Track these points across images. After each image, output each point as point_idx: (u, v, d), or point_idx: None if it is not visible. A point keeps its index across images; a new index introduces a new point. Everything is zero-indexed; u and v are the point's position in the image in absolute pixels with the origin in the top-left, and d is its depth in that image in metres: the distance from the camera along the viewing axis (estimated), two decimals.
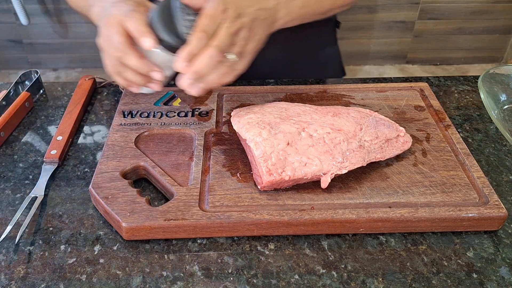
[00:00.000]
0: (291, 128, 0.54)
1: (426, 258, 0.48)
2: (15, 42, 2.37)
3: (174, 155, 0.57)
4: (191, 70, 0.50)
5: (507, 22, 2.36)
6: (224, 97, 0.68)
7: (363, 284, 0.45)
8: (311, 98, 0.68)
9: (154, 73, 0.53)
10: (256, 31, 0.54)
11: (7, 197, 0.54)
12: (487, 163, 0.60)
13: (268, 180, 0.49)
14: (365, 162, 0.53)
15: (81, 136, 0.64)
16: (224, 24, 0.50)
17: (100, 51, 0.56)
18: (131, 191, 0.51)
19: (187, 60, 0.50)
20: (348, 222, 0.49)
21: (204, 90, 0.53)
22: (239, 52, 0.52)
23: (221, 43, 0.50)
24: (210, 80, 0.52)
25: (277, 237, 0.50)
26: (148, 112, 0.64)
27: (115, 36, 0.52)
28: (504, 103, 0.68)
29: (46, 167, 0.57)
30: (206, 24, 0.50)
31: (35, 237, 0.49)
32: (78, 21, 2.29)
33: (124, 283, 0.45)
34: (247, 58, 0.54)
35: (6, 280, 0.45)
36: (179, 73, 0.52)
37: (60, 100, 0.72)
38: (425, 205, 0.50)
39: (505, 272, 0.46)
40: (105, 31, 0.53)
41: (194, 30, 0.50)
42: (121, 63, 0.53)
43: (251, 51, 0.54)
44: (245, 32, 0.52)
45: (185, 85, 0.52)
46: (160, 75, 0.54)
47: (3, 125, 0.62)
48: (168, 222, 0.48)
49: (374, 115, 0.59)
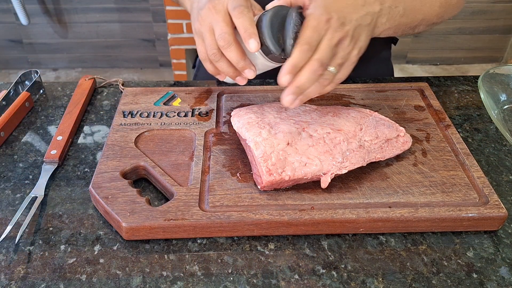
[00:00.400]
0: (291, 128, 0.54)
1: (426, 258, 0.48)
2: (15, 42, 2.37)
3: (174, 155, 0.57)
4: (293, 84, 0.50)
5: (507, 22, 2.36)
6: (224, 97, 0.68)
7: (363, 284, 0.45)
8: (311, 98, 0.68)
9: (249, 71, 0.54)
10: (359, 38, 0.52)
11: (7, 197, 0.54)
12: (487, 163, 0.60)
13: (268, 180, 0.49)
14: (365, 162, 0.53)
15: (81, 136, 0.64)
16: (327, 35, 0.49)
17: (194, 35, 0.56)
18: (131, 191, 0.51)
19: (291, 73, 0.49)
20: (348, 222, 0.49)
21: (302, 102, 0.53)
22: (340, 63, 0.51)
23: (323, 56, 0.49)
24: (310, 92, 0.52)
25: (277, 237, 0.50)
26: (148, 112, 0.64)
27: (222, 25, 0.51)
28: (504, 103, 0.68)
29: (46, 167, 0.57)
30: (310, 36, 0.48)
31: (35, 237, 0.49)
32: (78, 21, 2.29)
33: (124, 283, 0.45)
34: (349, 67, 0.53)
35: (6, 280, 0.45)
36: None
37: (60, 100, 0.72)
38: (425, 205, 0.50)
39: (505, 272, 0.46)
40: (207, 16, 0.53)
41: (298, 42, 0.49)
42: (220, 52, 0.53)
43: (353, 60, 0.52)
44: (347, 41, 0.50)
45: (288, 103, 0.51)
46: (254, 74, 0.54)
47: (3, 125, 0.62)
48: (168, 222, 0.48)
49: (374, 115, 0.59)
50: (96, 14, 2.28)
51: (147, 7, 2.26)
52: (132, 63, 2.47)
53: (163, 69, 2.49)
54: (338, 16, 0.50)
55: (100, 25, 2.31)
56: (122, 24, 2.32)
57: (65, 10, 2.26)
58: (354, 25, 0.51)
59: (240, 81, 0.57)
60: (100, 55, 2.43)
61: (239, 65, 0.53)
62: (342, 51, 0.50)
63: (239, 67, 0.53)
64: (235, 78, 0.56)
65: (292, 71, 0.49)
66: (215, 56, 0.54)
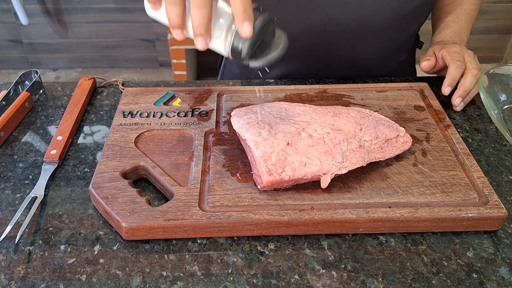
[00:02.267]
0: (291, 128, 0.54)
1: (426, 258, 0.48)
2: (15, 42, 2.37)
3: (174, 155, 0.57)
4: (461, 88, 0.68)
5: (507, 22, 2.36)
6: (224, 97, 0.68)
7: (363, 284, 0.45)
8: (311, 98, 0.68)
9: (203, 41, 0.46)
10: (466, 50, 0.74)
11: (7, 197, 0.54)
12: (487, 163, 0.60)
13: (268, 180, 0.49)
14: (365, 162, 0.53)
15: (81, 136, 0.64)
16: (466, 53, 0.71)
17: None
18: (131, 191, 0.51)
19: (451, 86, 0.68)
20: (348, 222, 0.49)
21: (466, 103, 0.70)
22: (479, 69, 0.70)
23: (476, 65, 0.69)
24: (472, 94, 0.69)
25: (277, 237, 0.50)
26: (148, 112, 0.64)
27: None
28: (504, 103, 0.68)
29: (46, 167, 0.57)
30: (458, 57, 0.70)
31: (35, 237, 0.49)
32: (78, 21, 2.29)
33: (124, 283, 0.45)
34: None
35: (6, 280, 0.45)
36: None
37: (60, 100, 0.72)
38: (425, 205, 0.50)
39: (505, 272, 0.46)
40: None
41: (452, 60, 0.69)
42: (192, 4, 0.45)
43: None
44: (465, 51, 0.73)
45: (458, 104, 0.68)
46: (205, 46, 0.47)
47: (3, 125, 0.62)
48: (168, 222, 0.48)
49: (374, 115, 0.59)
50: (96, 14, 2.28)
51: None
52: (132, 63, 2.47)
53: (163, 69, 2.49)
54: (460, 46, 0.73)
55: (100, 25, 2.31)
56: (122, 24, 2.32)
57: (65, 10, 2.26)
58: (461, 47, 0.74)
59: (179, 34, 0.47)
60: (100, 55, 2.43)
61: (198, 30, 0.46)
62: (476, 62, 0.71)
63: (196, 32, 0.46)
64: (174, 30, 0.47)
65: (451, 85, 0.68)
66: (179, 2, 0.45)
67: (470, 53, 0.72)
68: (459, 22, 0.80)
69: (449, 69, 0.68)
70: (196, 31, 0.46)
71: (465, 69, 0.69)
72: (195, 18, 0.45)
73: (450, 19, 0.80)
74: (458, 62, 0.68)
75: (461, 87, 0.68)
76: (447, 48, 0.71)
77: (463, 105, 0.69)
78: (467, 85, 0.67)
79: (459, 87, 0.68)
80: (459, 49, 0.71)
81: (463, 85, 0.67)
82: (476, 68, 0.68)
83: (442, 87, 0.68)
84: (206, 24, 0.45)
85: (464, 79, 0.68)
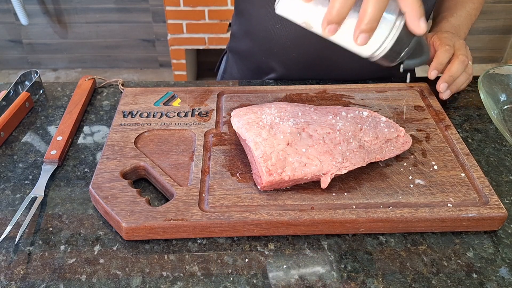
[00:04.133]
0: (291, 128, 0.54)
1: (426, 258, 0.48)
2: (15, 42, 2.37)
3: (174, 155, 0.57)
4: (447, 73, 0.67)
5: (507, 22, 2.36)
6: (224, 97, 0.68)
7: (363, 284, 0.45)
8: (311, 98, 0.68)
9: (366, 36, 0.43)
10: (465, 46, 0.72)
11: (7, 197, 0.54)
12: (487, 163, 0.60)
13: (268, 180, 0.49)
14: (365, 162, 0.53)
15: (81, 136, 0.64)
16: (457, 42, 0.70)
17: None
18: (131, 191, 0.51)
19: (437, 69, 0.67)
20: (348, 222, 0.49)
21: (453, 92, 0.68)
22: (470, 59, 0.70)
23: (464, 53, 0.68)
24: (460, 82, 0.68)
25: (277, 237, 0.50)
26: (148, 112, 0.64)
27: None
28: (504, 103, 0.68)
29: (46, 167, 0.57)
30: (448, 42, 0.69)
31: (35, 237, 0.49)
32: (78, 21, 2.29)
33: (124, 283, 0.45)
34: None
35: (6, 280, 0.45)
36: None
37: (60, 100, 0.72)
38: (425, 205, 0.50)
39: (505, 272, 0.46)
40: None
41: (441, 45, 0.68)
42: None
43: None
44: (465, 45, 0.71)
45: (443, 90, 0.67)
46: (367, 41, 0.44)
47: (3, 125, 0.62)
48: (168, 222, 0.48)
49: (374, 115, 0.59)
50: (96, 14, 2.28)
51: (147, 7, 2.26)
52: (132, 63, 2.48)
53: (163, 69, 2.50)
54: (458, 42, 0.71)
55: (100, 25, 2.31)
56: (122, 24, 2.32)
57: (65, 10, 2.26)
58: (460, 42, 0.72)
59: (333, 31, 0.43)
60: (100, 55, 2.43)
61: (369, 25, 0.42)
62: (468, 51, 0.71)
63: (366, 27, 0.42)
64: (331, 25, 0.43)
65: (438, 68, 0.67)
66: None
67: (462, 42, 0.71)
68: (457, 18, 0.79)
69: (437, 53, 0.68)
70: (366, 26, 0.42)
71: (453, 55, 0.68)
72: (370, 11, 0.41)
73: (449, 14, 0.80)
74: (446, 46, 0.68)
75: (447, 72, 0.67)
76: (438, 34, 0.71)
77: (449, 93, 0.68)
78: (453, 70, 0.66)
79: (445, 72, 0.67)
80: (450, 36, 0.71)
81: (449, 70, 0.67)
82: (465, 55, 0.68)
83: (428, 71, 0.68)
84: (379, 18, 0.42)
85: (451, 64, 0.67)
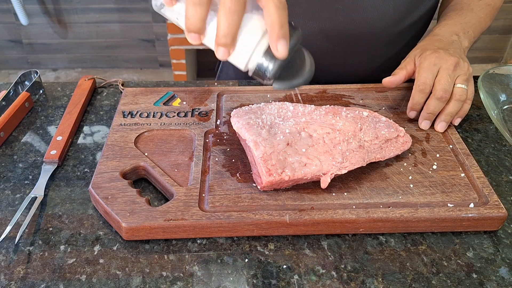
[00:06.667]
0: (291, 128, 0.54)
1: (426, 258, 0.48)
2: (15, 42, 2.37)
3: (174, 155, 0.57)
4: (425, 111, 0.60)
5: (507, 22, 2.36)
6: (224, 97, 0.68)
7: (363, 284, 0.45)
8: (311, 98, 0.68)
9: (225, 52, 0.41)
10: (465, 59, 0.63)
11: (7, 197, 0.54)
12: (487, 163, 0.60)
13: (268, 180, 0.49)
14: (364, 162, 0.53)
15: (81, 136, 0.64)
16: (442, 66, 0.60)
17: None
18: (131, 191, 0.51)
19: (415, 110, 0.62)
20: (348, 222, 0.49)
21: (448, 122, 0.61)
22: (466, 79, 0.61)
23: (445, 84, 0.59)
24: (452, 112, 0.60)
25: (277, 237, 0.50)
26: (148, 112, 0.64)
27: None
28: (504, 103, 0.68)
29: (46, 167, 0.57)
30: (425, 76, 0.60)
31: (35, 237, 0.49)
32: (78, 21, 2.29)
33: (124, 283, 0.45)
34: (472, 81, 0.63)
35: (6, 280, 0.45)
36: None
37: (60, 100, 0.72)
38: (425, 205, 0.50)
39: (505, 272, 0.46)
40: None
41: (416, 84, 0.60)
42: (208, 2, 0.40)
43: (472, 73, 0.63)
44: (461, 62, 0.61)
45: (425, 127, 0.62)
46: (226, 56, 0.42)
47: (3, 125, 0.62)
48: (168, 222, 0.48)
49: (374, 115, 0.59)
50: (96, 14, 2.28)
51: (147, 7, 2.26)
52: (132, 63, 2.47)
53: (163, 69, 2.49)
54: (444, 50, 0.62)
55: (100, 25, 2.31)
56: (122, 24, 2.32)
57: (65, 10, 2.26)
58: (457, 52, 0.63)
59: (195, 39, 0.41)
60: (100, 55, 2.42)
61: (223, 40, 0.40)
62: (461, 69, 0.61)
63: (221, 41, 0.40)
64: (191, 34, 0.41)
65: (414, 109, 0.61)
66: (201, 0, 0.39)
67: (451, 63, 0.60)
68: (462, 17, 0.70)
69: (413, 90, 0.62)
70: (220, 40, 0.40)
71: (432, 88, 0.60)
72: (223, 25, 0.39)
73: (453, 14, 0.72)
74: (421, 85, 0.60)
75: (425, 109, 0.61)
76: (422, 58, 0.62)
77: (445, 125, 0.61)
78: (430, 108, 0.60)
79: (424, 109, 0.61)
80: (435, 60, 0.61)
81: (427, 107, 0.61)
82: (443, 89, 0.59)
83: (407, 111, 0.63)
84: (234, 33, 0.40)
85: (428, 100, 0.61)
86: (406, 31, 0.76)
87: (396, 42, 0.78)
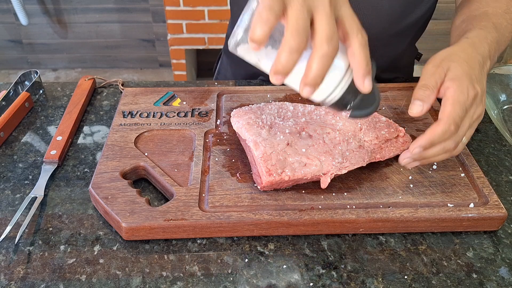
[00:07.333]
0: (291, 128, 0.54)
1: (426, 258, 0.48)
2: (15, 42, 2.37)
3: (174, 155, 0.57)
4: (422, 155, 0.47)
5: None
6: (224, 97, 0.68)
7: (363, 284, 0.45)
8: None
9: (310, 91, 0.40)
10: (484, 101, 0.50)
11: (7, 197, 0.54)
12: (487, 163, 0.60)
13: (268, 180, 0.49)
14: (364, 162, 0.53)
15: (81, 136, 0.64)
16: (470, 111, 0.47)
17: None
18: (131, 191, 0.51)
19: (425, 148, 0.46)
20: (348, 222, 0.49)
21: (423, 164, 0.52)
22: (472, 126, 0.50)
23: (460, 136, 0.48)
24: (437, 159, 0.49)
25: (277, 237, 0.50)
26: (148, 112, 0.64)
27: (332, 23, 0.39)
28: (504, 103, 0.68)
29: (45, 167, 0.57)
30: (458, 114, 0.46)
31: (35, 237, 0.49)
32: (78, 21, 2.29)
33: (124, 283, 0.45)
34: (473, 129, 0.51)
35: (6, 280, 0.45)
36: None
37: (60, 100, 0.72)
38: (425, 205, 0.50)
39: (505, 272, 0.46)
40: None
41: (443, 118, 0.45)
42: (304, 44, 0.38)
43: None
44: (474, 107, 0.48)
45: (405, 163, 0.49)
46: (311, 95, 0.42)
47: (3, 125, 0.62)
48: (168, 222, 0.48)
49: (374, 115, 0.59)
50: (96, 14, 2.28)
51: (147, 7, 2.26)
52: (132, 63, 2.47)
53: (163, 69, 2.49)
54: (481, 89, 0.48)
55: (100, 25, 2.31)
56: (122, 24, 2.32)
57: (65, 10, 2.26)
58: (483, 87, 0.49)
59: (279, 81, 0.40)
60: (100, 55, 2.43)
61: (313, 81, 0.39)
62: (474, 109, 0.48)
63: (311, 82, 0.39)
64: (277, 76, 0.40)
65: (427, 147, 0.46)
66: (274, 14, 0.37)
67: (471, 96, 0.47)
68: (482, 29, 0.55)
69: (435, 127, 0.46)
70: (310, 81, 0.40)
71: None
72: (316, 68, 0.39)
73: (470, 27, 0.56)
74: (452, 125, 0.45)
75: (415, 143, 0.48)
76: (452, 82, 0.47)
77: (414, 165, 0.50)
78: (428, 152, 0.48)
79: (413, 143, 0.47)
80: (468, 85, 0.47)
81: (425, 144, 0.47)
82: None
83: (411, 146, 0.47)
84: (324, 75, 0.40)
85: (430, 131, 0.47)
86: (403, 32, 0.76)
87: (393, 44, 0.78)
